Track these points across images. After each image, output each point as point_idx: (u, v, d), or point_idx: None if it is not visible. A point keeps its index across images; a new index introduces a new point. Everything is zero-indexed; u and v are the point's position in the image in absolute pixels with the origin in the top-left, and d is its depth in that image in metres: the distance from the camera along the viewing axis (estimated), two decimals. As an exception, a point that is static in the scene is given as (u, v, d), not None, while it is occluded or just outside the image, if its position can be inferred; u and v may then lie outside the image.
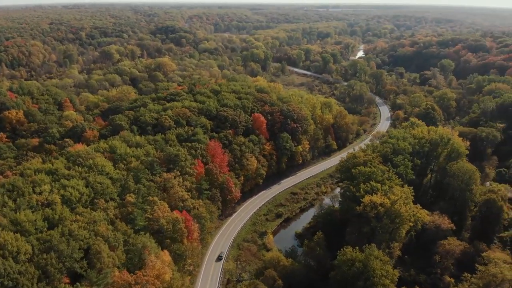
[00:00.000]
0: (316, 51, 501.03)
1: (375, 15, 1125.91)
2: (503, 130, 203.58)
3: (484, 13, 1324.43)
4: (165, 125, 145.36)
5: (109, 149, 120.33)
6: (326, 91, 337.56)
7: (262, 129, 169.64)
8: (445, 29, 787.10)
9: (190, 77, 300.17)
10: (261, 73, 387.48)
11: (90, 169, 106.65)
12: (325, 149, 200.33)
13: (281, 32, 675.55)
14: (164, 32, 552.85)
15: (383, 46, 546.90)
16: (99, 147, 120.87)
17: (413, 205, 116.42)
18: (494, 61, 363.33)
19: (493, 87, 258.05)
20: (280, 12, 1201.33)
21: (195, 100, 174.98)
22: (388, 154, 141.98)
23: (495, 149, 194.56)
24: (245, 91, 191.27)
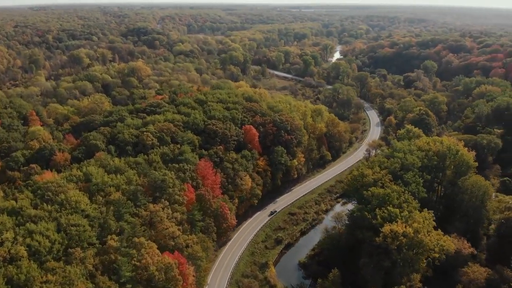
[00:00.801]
0: (295, 53, 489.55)
1: (349, 15, 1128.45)
2: (501, 136, 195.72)
3: (455, 12, 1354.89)
4: (147, 143, 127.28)
5: (84, 178, 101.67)
6: (310, 95, 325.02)
7: (254, 142, 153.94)
8: (419, 29, 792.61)
9: (168, 83, 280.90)
10: (241, 77, 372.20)
11: (62, 207, 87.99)
12: (320, 161, 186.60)
13: (257, 33, 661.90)
14: (136, 34, 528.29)
15: (361, 47, 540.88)
16: (72, 175, 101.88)
17: (434, 231, 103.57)
18: (477, 61, 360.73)
19: (483, 90, 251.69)
20: (253, 12, 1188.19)
21: (178, 112, 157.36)
22: (397, 170, 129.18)
23: (496, 157, 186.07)
24: (233, 100, 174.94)
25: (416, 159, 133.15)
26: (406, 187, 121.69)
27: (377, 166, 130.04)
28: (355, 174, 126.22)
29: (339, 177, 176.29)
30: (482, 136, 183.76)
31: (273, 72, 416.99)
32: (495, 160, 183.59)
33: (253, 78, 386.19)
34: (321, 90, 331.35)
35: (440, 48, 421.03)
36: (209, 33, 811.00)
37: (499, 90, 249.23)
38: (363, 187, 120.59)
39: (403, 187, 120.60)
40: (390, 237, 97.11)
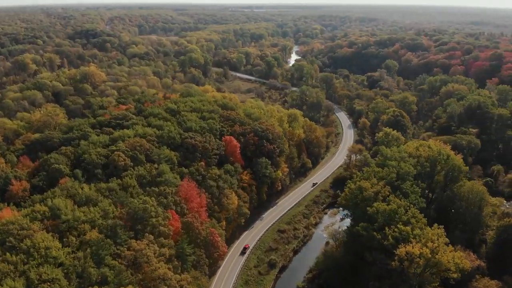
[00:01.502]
0: (255, 54, 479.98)
1: (301, 15, 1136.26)
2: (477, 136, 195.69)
3: (401, 11, 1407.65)
4: (119, 164, 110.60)
5: (50, 214, 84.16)
6: (276, 97, 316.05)
7: (236, 154, 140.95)
8: (371, 28, 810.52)
9: (126, 89, 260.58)
10: (203, 80, 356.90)
11: (30, 256, 70.75)
12: (301, 169, 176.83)
13: (213, 34, 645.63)
14: (84, 36, 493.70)
15: (319, 48, 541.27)
16: (35, 212, 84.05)
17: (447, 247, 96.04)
18: (436, 59, 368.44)
19: (450, 89, 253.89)
20: (206, 12, 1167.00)
21: (149, 125, 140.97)
22: (393, 180, 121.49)
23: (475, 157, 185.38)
24: (208, 108, 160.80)
25: (410, 167, 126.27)
26: (406, 199, 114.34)
27: (373, 176, 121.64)
28: (352, 187, 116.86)
29: (323, 186, 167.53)
30: (461, 137, 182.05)
31: (235, 74, 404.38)
32: (474, 161, 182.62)
33: (215, 81, 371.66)
34: (287, 92, 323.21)
35: (398, 47, 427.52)
36: (162, 34, 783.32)
37: (465, 88, 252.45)
38: (363, 201, 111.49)
39: (403, 199, 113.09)
40: (406, 260, 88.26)
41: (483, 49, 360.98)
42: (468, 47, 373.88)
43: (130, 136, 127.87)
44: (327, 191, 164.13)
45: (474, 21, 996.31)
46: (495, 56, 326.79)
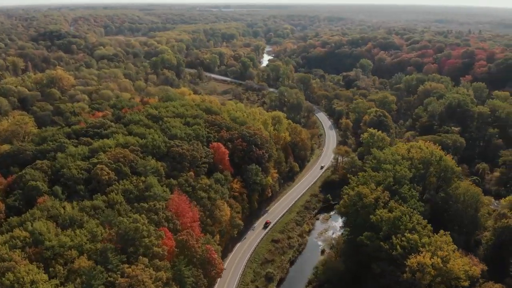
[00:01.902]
0: (229, 55, 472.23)
1: (270, 15, 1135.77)
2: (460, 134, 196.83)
3: (367, 10, 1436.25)
4: (102, 179, 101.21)
5: (32, 240, 74.54)
6: (254, 99, 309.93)
7: (224, 162, 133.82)
8: (339, 27, 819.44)
9: (98, 93, 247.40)
10: (177, 82, 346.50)
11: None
12: (289, 173, 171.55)
13: (183, 33, 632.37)
14: (48, 38, 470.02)
15: (292, 47, 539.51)
16: (15, 238, 74.16)
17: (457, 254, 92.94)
18: (409, 58, 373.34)
19: (428, 87, 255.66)
20: (174, 12, 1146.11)
21: (130, 133, 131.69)
22: (391, 185, 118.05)
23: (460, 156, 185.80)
24: (191, 113, 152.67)
25: (406, 170, 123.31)
26: (405, 204, 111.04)
27: (370, 181, 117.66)
28: (351, 194, 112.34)
29: (312, 190, 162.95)
30: (446, 136, 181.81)
31: (210, 75, 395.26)
32: (459, 160, 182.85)
33: (190, 83, 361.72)
34: (264, 93, 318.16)
35: (370, 46, 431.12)
36: (129, 34, 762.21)
37: (443, 87, 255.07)
38: (364, 208, 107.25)
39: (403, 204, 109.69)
40: (418, 271, 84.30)
41: (454, 47, 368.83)
42: (439, 45, 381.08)
43: (111, 146, 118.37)
44: (317, 196, 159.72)
45: (438, 19, 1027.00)
46: (467, 53, 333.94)
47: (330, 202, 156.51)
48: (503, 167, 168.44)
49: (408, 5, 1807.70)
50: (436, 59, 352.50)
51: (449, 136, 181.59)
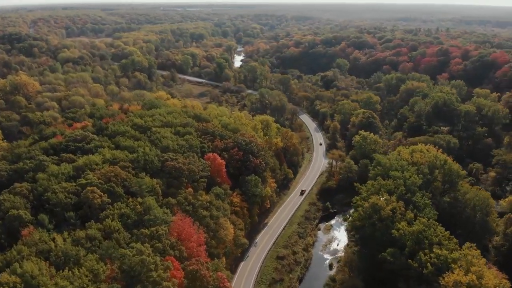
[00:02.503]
0: (201, 55, 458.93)
1: (238, 14, 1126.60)
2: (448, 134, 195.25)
3: (332, 9, 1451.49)
4: (94, 203, 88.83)
5: (23, 286, 61.88)
6: (233, 102, 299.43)
7: (222, 174, 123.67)
8: (308, 27, 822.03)
9: (68, 100, 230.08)
10: (149, 84, 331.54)
11: None
12: (284, 181, 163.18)
13: (151, 34, 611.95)
14: (7, 41, 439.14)
15: (264, 47, 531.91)
16: (3, 284, 61.16)
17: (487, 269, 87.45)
18: (384, 57, 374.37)
19: (410, 86, 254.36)
20: (138, 12, 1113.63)
21: (117, 147, 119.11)
22: (403, 193, 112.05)
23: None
24: (180, 121, 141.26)
25: (416, 177, 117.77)
26: (420, 213, 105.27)
27: (383, 191, 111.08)
28: (365, 206, 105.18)
29: (310, 199, 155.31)
30: (439, 137, 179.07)
31: (184, 77, 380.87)
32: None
33: (163, 85, 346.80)
34: (243, 96, 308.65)
35: (344, 45, 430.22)
36: (92, 35, 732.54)
37: (425, 85, 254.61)
38: (381, 221, 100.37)
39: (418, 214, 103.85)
40: (456, 292, 78.01)
41: (428, 45, 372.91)
42: (413, 44, 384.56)
43: (98, 163, 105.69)
44: (316, 204, 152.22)
45: (402, 17, 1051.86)
46: (442, 51, 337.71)
47: (330, 211, 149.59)
48: (497, 167, 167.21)
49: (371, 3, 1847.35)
50: (411, 58, 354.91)
51: (442, 137, 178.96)
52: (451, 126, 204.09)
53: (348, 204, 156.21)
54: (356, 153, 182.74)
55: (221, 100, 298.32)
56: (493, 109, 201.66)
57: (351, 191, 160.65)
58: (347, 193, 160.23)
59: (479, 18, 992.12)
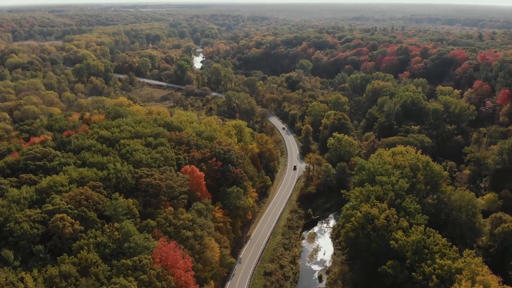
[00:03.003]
0: (160, 57, 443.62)
1: (193, 14, 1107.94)
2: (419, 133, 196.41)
3: (288, 9, 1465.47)
4: (65, 233, 77.77)
5: None
6: (199, 105, 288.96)
7: (201, 187, 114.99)
8: (265, 27, 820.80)
9: (20, 110, 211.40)
10: (107, 89, 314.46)
11: None
12: (262, 189, 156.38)
13: (104, 36, 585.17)
14: None
15: (225, 48, 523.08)
16: None
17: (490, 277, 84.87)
18: (345, 56, 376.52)
19: (376, 86, 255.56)
20: (88, 13, 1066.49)
21: (84, 164, 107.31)
22: (393, 199, 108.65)
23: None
24: (151, 131, 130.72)
25: (403, 181, 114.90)
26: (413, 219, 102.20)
27: (373, 198, 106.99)
28: (358, 215, 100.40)
29: (290, 206, 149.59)
30: (412, 136, 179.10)
31: (143, 80, 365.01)
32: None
33: (122, 90, 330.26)
34: (209, 99, 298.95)
35: (305, 45, 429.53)
36: (41, 39, 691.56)
37: (390, 85, 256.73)
38: (375, 231, 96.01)
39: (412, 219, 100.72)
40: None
41: (387, 44, 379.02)
42: (373, 43, 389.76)
43: (65, 184, 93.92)
44: (297, 211, 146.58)
45: (355, 16, 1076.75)
46: (402, 50, 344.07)
47: (312, 217, 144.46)
48: (471, 164, 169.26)
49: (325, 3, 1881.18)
50: (372, 57, 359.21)
51: (415, 137, 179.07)
52: (421, 125, 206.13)
53: (329, 209, 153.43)
54: (331, 156, 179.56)
55: (186, 103, 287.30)
56: (460, 107, 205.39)
57: (331, 195, 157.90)
58: (326, 198, 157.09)
59: (429, 16, 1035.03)
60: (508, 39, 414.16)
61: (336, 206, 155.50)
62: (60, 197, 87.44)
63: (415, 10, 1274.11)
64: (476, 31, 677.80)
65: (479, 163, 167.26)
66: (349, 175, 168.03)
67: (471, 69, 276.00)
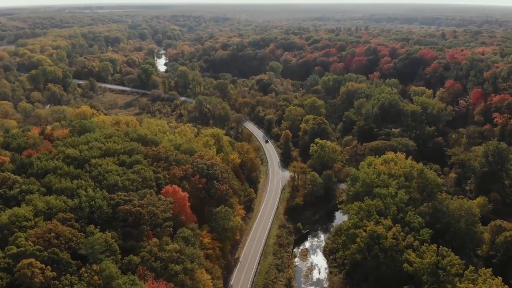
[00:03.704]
0: (121, 61, 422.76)
1: (153, 15, 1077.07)
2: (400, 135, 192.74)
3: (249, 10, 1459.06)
4: (35, 283, 64.17)
5: None
6: (168, 111, 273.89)
7: (185, 209, 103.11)
8: (229, 28, 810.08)
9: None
10: (66, 97, 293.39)
11: None
12: (247, 203, 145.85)
13: (60, 39, 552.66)
14: None
15: (189, 50, 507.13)
16: None
17: None
18: (314, 58, 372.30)
19: (350, 88, 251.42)
20: (42, 16, 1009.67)
21: (49, 191, 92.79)
22: (395, 213, 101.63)
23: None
24: (124, 147, 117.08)
25: (403, 193, 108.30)
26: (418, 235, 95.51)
27: (375, 213, 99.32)
28: (363, 235, 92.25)
29: (278, 220, 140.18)
30: (396, 140, 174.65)
31: (104, 85, 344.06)
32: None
33: (82, 97, 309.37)
34: (177, 104, 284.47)
35: (273, 47, 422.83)
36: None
37: (365, 86, 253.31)
38: (384, 252, 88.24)
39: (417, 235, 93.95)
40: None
41: (355, 44, 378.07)
42: (341, 44, 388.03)
43: (29, 217, 79.75)
44: (286, 226, 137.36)
45: (316, 17, 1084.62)
46: (370, 50, 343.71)
47: (302, 232, 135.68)
48: (456, 167, 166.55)
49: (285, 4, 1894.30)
50: (341, 58, 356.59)
51: (398, 140, 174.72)
52: (400, 127, 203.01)
53: (318, 221, 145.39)
54: (314, 163, 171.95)
55: (153, 110, 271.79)
56: (437, 108, 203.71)
57: (318, 205, 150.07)
58: (314, 209, 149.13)
59: (387, 15, 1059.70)
60: (470, 37, 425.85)
61: (325, 217, 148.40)
62: (26, 235, 73.46)
63: (374, 9, 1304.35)
64: (435, 29, 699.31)
65: (463, 165, 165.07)
66: (335, 183, 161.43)
67: (441, 69, 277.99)
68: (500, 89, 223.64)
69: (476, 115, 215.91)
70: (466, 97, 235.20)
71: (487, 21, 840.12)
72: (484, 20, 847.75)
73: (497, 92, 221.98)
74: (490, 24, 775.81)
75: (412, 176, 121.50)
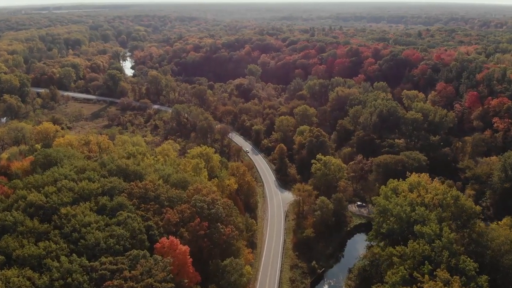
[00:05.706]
0: (85, 66, 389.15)
1: (115, 15, 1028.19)
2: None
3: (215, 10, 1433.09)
4: None
5: None
6: (141, 122, 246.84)
7: (187, 268, 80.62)
8: (196, 28, 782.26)
9: None
10: (24, 109, 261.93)
11: None
12: (250, 238, 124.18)
13: (16, 43, 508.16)
14: None
15: (157, 52, 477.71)
16: None
17: None
18: (293, 60, 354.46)
19: (341, 93, 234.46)
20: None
21: (9, 261, 67.93)
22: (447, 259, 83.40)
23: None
24: (101, 185, 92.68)
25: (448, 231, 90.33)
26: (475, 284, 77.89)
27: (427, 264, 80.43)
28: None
29: (288, 258, 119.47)
30: (405, 155, 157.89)
31: (67, 94, 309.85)
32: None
33: (42, 108, 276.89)
34: (151, 114, 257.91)
35: (249, 49, 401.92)
36: None
37: (356, 91, 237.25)
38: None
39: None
40: None
41: (336, 45, 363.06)
42: (320, 45, 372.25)
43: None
44: (298, 265, 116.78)
45: (284, 16, 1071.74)
46: (352, 51, 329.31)
47: (318, 272, 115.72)
48: (472, 182, 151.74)
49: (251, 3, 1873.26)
50: (322, 60, 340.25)
51: (408, 154, 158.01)
52: (402, 137, 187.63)
53: (332, 255, 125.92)
54: (318, 183, 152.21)
55: (124, 121, 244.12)
56: (439, 114, 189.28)
57: (330, 235, 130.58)
58: (326, 240, 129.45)
59: (354, 14, 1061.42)
60: (446, 36, 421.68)
61: (339, 250, 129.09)
62: None
63: (340, 8, 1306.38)
64: (404, 28, 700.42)
65: (480, 180, 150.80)
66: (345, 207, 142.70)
67: (429, 70, 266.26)
68: (497, 92, 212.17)
69: (474, 120, 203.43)
70: (461, 100, 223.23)
71: (452, 18, 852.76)
72: (450, 18, 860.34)
73: (493, 95, 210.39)
74: (456, 22, 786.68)
75: (448, 204, 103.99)
